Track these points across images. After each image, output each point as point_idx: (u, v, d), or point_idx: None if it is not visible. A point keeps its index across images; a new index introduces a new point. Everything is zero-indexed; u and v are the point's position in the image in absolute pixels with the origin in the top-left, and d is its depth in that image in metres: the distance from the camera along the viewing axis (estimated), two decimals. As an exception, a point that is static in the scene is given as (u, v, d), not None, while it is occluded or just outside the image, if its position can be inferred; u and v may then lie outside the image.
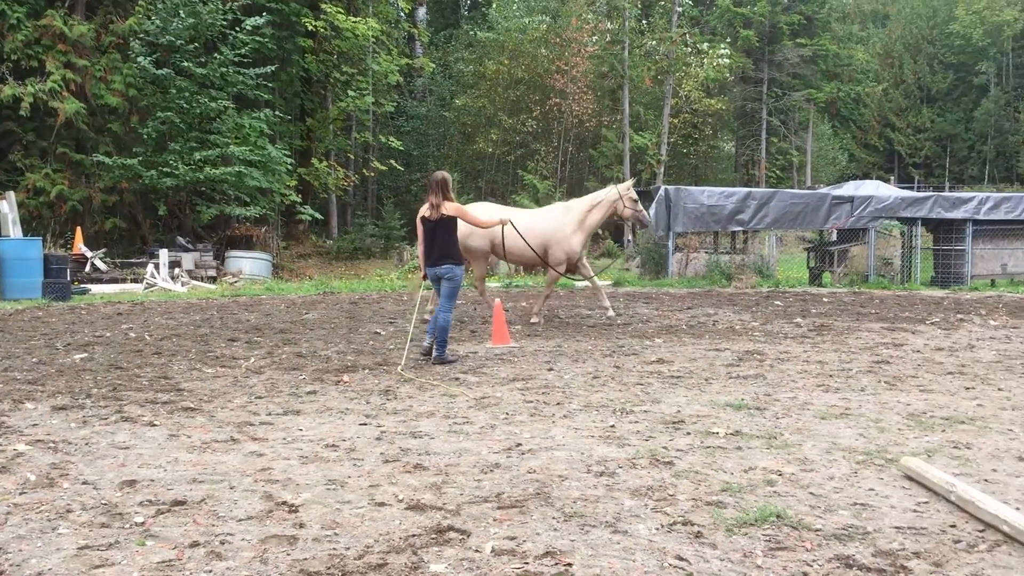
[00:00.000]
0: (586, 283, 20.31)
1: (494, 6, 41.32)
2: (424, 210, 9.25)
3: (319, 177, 30.19)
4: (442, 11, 47.45)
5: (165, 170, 23.18)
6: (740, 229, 22.49)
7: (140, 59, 23.29)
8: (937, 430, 6.12)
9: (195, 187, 24.44)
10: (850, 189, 24.34)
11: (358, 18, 30.68)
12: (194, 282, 21.18)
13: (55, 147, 23.96)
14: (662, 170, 35.97)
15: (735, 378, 8.19)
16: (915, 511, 4.43)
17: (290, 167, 26.29)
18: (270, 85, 26.38)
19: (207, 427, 6.27)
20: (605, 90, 36.95)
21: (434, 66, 38.87)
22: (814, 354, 9.73)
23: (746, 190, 23.34)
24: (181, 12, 23.62)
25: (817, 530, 4.13)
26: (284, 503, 4.54)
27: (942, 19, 61.10)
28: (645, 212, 13.07)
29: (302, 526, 4.21)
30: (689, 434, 6.00)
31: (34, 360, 9.39)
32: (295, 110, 31.51)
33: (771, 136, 47.21)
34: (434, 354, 9.20)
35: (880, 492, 4.73)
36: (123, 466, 5.26)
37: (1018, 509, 4.31)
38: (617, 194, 12.54)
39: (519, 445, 5.70)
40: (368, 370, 8.75)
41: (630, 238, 31.13)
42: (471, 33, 40.45)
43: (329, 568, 3.67)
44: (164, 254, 21.38)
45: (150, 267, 20.85)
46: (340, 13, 29.55)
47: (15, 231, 19.60)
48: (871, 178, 36.56)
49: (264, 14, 25.38)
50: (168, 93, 23.74)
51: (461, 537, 4.04)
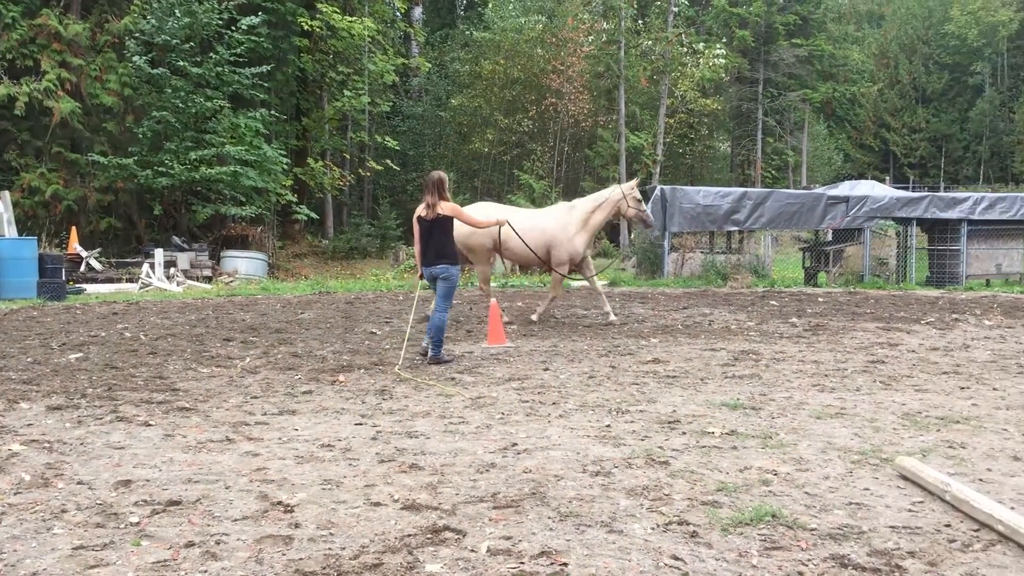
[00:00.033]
0: (583, 283, 20.35)
1: (490, 6, 41.28)
2: (420, 210, 9.23)
3: (315, 177, 30.17)
4: (438, 11, 47.42)
5: (160, 170, 23.17)
6: (736, 229, 22.51)
7: (136, 58, 23.28)
8: (932, 430, 6.13)
9: (191, 187, 24.43)
10: (845, 189, 24.38)
11: (354, 18, 30.67)
12: (189, 282, 21.16)
13: (50, 146, 23.94)
14: (658, 170, 35.97)
15: (731, 378, 8.20)
16: (910, 511, 4.43)
17: (286, 167, 26.29)
18: (266, 85, 26.36)
19: (202, 427, 6.26)
20: (601, 90, 36.95)
21: (430, 66, 38.85)
22: (809, 354, 9.74)
23: (742, 190, 23.37)
24: (177, 11, 23.61)
25: (812, 530, 4.14)
26: (279, 503, 4.53)
27: (937, 19, 61.23)
28: (649, 212, 13.03)
29: (297, 526, 4.21)
30: (685, 434, 6.00)
31: (29, 360, 9.37)
32: (291, 110, 31.49)
33: (767, 136, 47.23)
34: (429, 354, 9.19)
35: (875, 492, 4.73)
36: (118, 466, 5.25)
37: (1013, 509, 4.32)
38: (621, 194, 12.45)
39: (515, 445, 5.70)
40: (364, 370, 8.74)
41: (631, 238, 31.10)
42: (467, 33, 40.41)
43: (324, 568, 3.67)
44: (159, 254, 21.35)
45: (145, 267, 20.83)
46: (336, 13, 29.55)
47: (10, 231, 19.58)
48: (866, 178, 36.63)
49: (260, 13, 25.38)
50: (163, 92, 23.72)
51: (457, 537, 4.04)
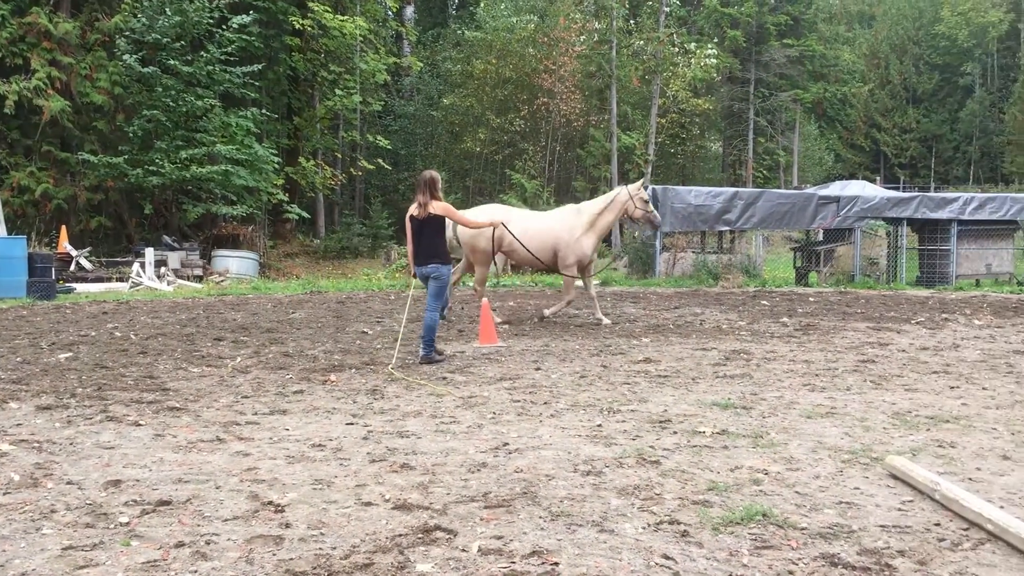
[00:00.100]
0: (578, 284, 20.37)
1: (482, 5, 41.26)
2: (412, 209, 9.23)
3: (306, 176, 30.11)
4: (430, 10, 47.39)
5: (151, 168, 23.10)
6: (727, 229, 22.55)
7: (126, 57, 23.20)
8: (922, 429, 6.15)
9: (181, 186, 24.36)
10: (836, 189, 24.46)
11: (345, 17, 30.59)
12: (180, 281, 21.09)
13: (40, 145, 23.84)
14: (650, 170, 35.99)
15: (722, 377, 8.21)
16: (900, 510, 4.44)
17: (277, 166, 26.23)
18: (257, 84, 26.30)
19: (193, 427, 6.24)
20: (593, 90, 36.96)
21: (422, 65, 38.82)
22: (800, 353, 9.76)
23: (733, 190, 23.42)
24: (167, 10, 23.54)
25: (803, 529, 4.15)
26: (270, 503, 4.52)
27: (928, 20, 61.53)
28: (656, 213, 12.97)
29: (288, 526, 4.20)
30: (676, 433, 6.01)
31: (18, 359, 9.33)
32: (282, 109, 31.43)
33: (758, 136, 47.37)
34: (420, 353, 9.19)
35: (865, 491, 4.75)
36: (108, 466, 5.23)
37: (1002, 507, 4.34)
38: (628, 195, 12.40)
39: (506, 444, 5.70)
40: (355, 369, 8.73)
41: (622, 238, 31.08)
42: (459, 32, 40.40)
43: (315, 568, 3.66)
44: (150, 253, 21.28)
45: (136, 266, 20.76)
46: (327, 12, 29.46)
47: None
48: (857, 178, 36.76)
49: (251, 12, 25.33)
50: (154, 91, 23.65)
51: (448, 537, 4.03)
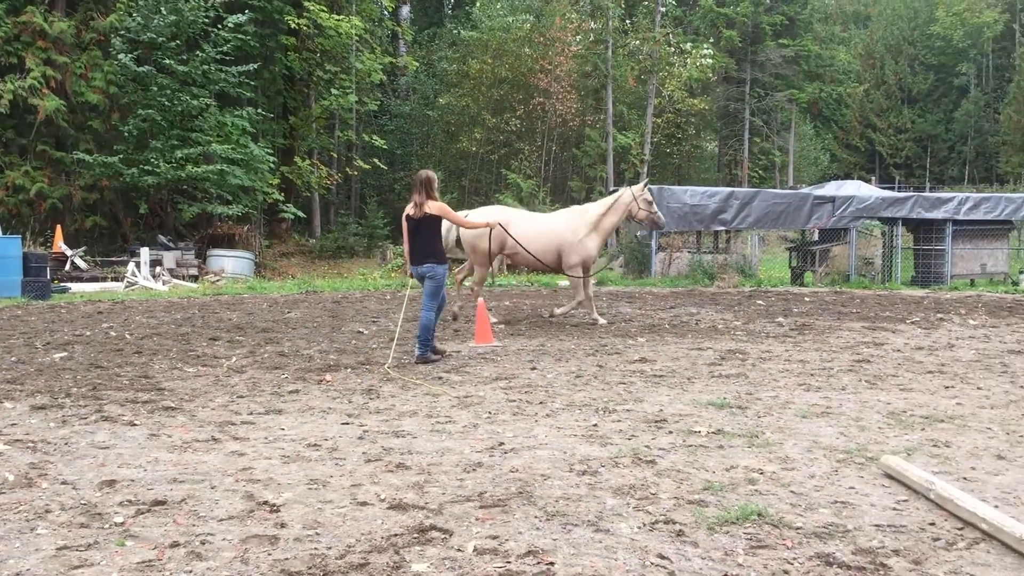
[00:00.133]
0: (568, 283, 20.38)
1: (478, 5, 41.23)
2: (408, 208, 9.24)
3: (302, 176, 30.08)
4: (426, 10, 47.35)
5: (146, 168, 23.07)
6: (723, 229, 22.57)
7: (121, 56, 23.16)
8: (917, 429, 6.16)
9: (177, 185, 24.33)
10: (832, 189, 24.48)
11: (341, 16, 30.58)
12: (175, 281, 21.06)
13: (35, 144, 23.79)
14: (645, 170, 35.98)
15: (717, 377, 8.22)
16: (895, 509, 4.45)
17: (273, 165, 26.19)
18: (252, 83, 26.28)
19: (188, 427, 6.23)
20: (589, 89, 36.96)
21: (418, 65, 38.78)
22: (796, 353, 9.77)
23: (729, 190, 23.43)
24: (163, 9, 23.51)
25: (798, 528, 4.15)
26: (265, 503, 4.52)
27: (923, 20, 61.64)
28: (660, 214, 12.95)
29: (283, 526, 4.19)
30: (671, 433, 6.02)
31: (13, 359, 9.31)
32: (278, 108, 31.39)
33: (754, 136, 47.41)
34: (416, 353, 9.18)
35: (860, 490, 4.75)
36: (103, 466, 5.22)
37: (996, 507, 4.35)
38: (631, 196, 12.43)
39: (502, 444, 5.70)
40: (351, 369, 8.73)
41: (618, 238, 31.04)
42: (455, 32, 40.34)
43: (310, 568, 3.66)
44: (145, 252, 21.25)
45: (131, 266, 20.73)
46: (323, 11, 29.45)
47: (-6, 229, 19.47)
48: (852, 178, 36.80)
49: (246, 11, 25.29)
50: (149, 91, 23.62)
51: (443, 536, 4.03)
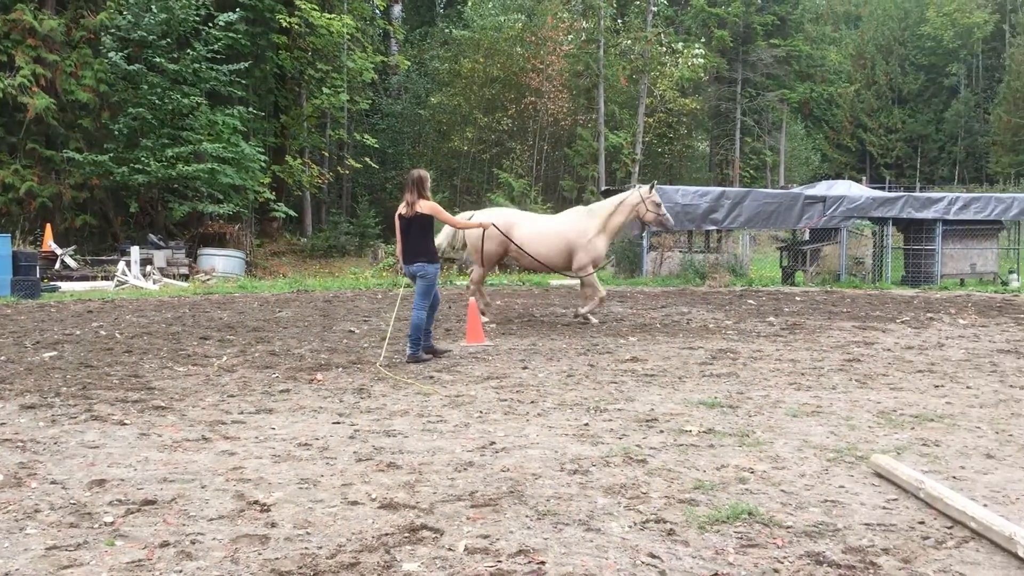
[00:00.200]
0: (561, 283, 20.38)
1: (469, 4, 41.20)
2: (401, 208, 9.25)
3: (293, 174, 30.02)
4: (417, 9, 47.32)
5: (137, 167, 22.99)
6: (714, 228, 22.61)
7: (111, 54, 23.07)
8: (907, 428, 6.18)
9: (167, 184, 24.25)
10: (822, 189, 24.55)
11: (333, 15, 30.52)
12: (166, 280, 20.99)
13: (24, 143, 23.68)
14: (637, 169, 36.05)
15: (708, 376, 8.23)
16: (884, 508, 4.46)
17: (264, 164, 26.13)
18: (243, 82, 26.20)
19: (178, 426, 6.21)
20: (580, 89, 36.98)
21: (409, 64, 38.75)
22: (786, 352, 9.80)
23: (720, 189, 23.46)
24: (153, 7, 23.43)
25: (788, 527, 4.16)
26: (256, 502, 4.51)
27: (913, 21, 61.85)
28: (668, 216, 12.85)
29: (274, 525, 4.18)
30: (662, 432, 6.02)
31: (2, 358, 9.27)
32: (269, 107, 31.32)
33: (745, 136, 47.51)
34: (407, 352, 9.17)
35: (850, 489, 4.77)
36: (92, 465, 5.20)
37: (985, 506, 4.37)
38: (639, 197, 12.36)
39: (493, 444, 5.70)
40: (342, 368, 8.71)
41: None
42: (446, 31, 40.33)
43: (301, 568, 3.65)
44: (135, 251, 21.17)
45: (121, 264, 20.66)
46: (315, 10, 29.38)
47: (-17, 228, 19.36)
48: (843, 178, 36.90)
49: (237, 10, 25.22)
50: (140, 89, 23.53)
51: (434, 536, 4.03)
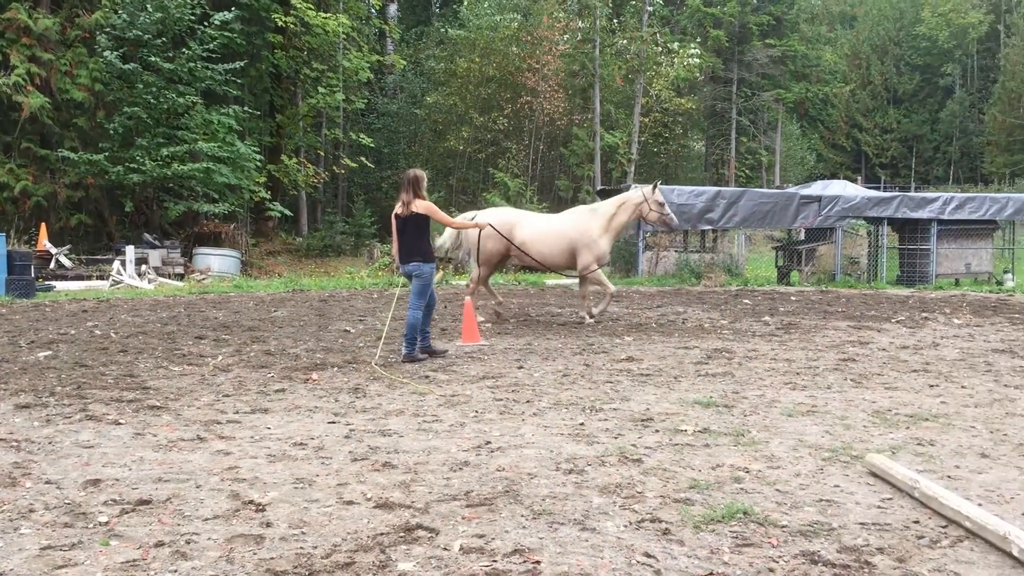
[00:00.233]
0: (557, 282, 20.38)
1: (465, 3, 41.20)
2: (397, 207, 9.26)
3: (289, 174, 29.99)
4: (413, 8, 47.29)
5: (132, 166, 22.95)
6: (710, 228, 22.62)
7: (106, 53, 23.03)
8: (901, 427, 6.19)
9: (162, 183, 24.21)
10: (818, 189, 24.55)
11: (328, 14, 30.50)
12: (161, 279, 20.96)
13: (19, 142, 23.62)
14: (632, 169, 36.05)
15: (704, 376, 8.24)
16: (879, 507, 4.47)
17: (259, 164, 26.10)
18: (239, 81, 26.17)
19: (173, 426, 6.20)
20: (576, 88, 36.99)
21: (405, 63, 38.73)
22: (782, 352, 9.80)
23: (715, 189, 23.48)
24: (148, 6, 23.38)
25: (783, 526, 4.17)
26: (251, 502, 4.50)
27: (909, 21, 61.96)
28: (672, 215, 12.72)
29: (269, 525, 4.18)
30: (658, 432, 6.03)
31: (-4, 358, 9.25)
32: (264, 106, 31.28)
33: (740, 136, 47.53)
34: (403, 352, 9.17)
35: (845, 489, 4.77)
36: (87, 465, 5.19)
37: (980, 505, 4.38)
38: (642, 196, 12.28)
39: (488, 443, 5.70)
40: (337, 368, 8.70)
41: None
42: (442, 30, 40.32)
43: (296, 567, 3.65)
44: (131, 251, 21.14)
45: (116, 264, 20.62)
46: (310, 9, 29.37)
47: (-22, 227, 19.32)
48: (838, 178, 36.92)
49: (233, 9, 25.18)
50: (135, 88, 23.49)
51: (429, 535, 4.03)
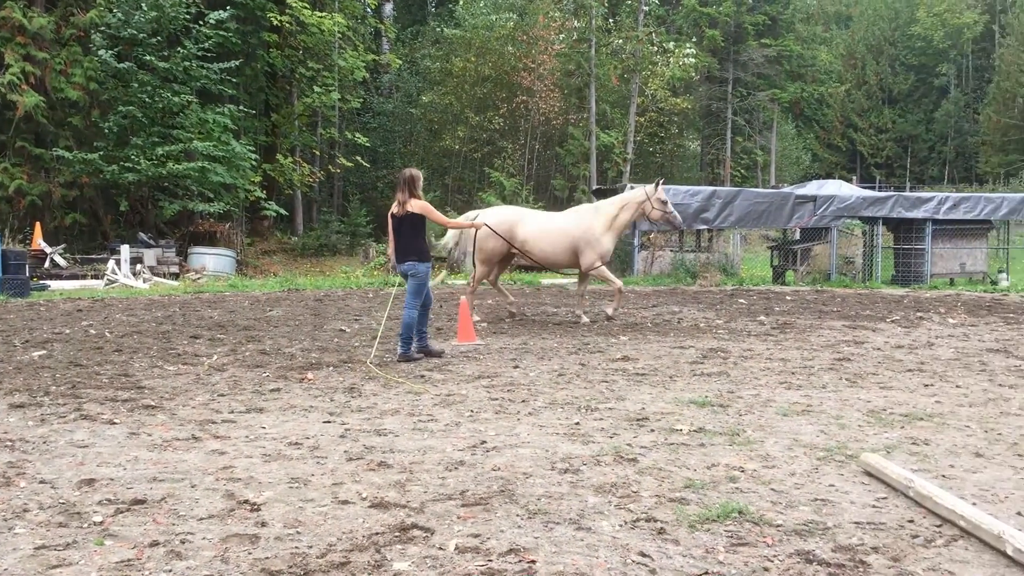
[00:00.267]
0: (552, 281, 20.40)
1: (461, 3, 41.20)
2: (394, 207, 9.28)
3: (284, 173, 29.95)
4: (409, 7, 47.25)
5: (127, 165, 22.90)
6: (705, 227, 22.64)
7: (101, 52, 22.97)
8: (896, 427, 6.20)
9: (157, 182, 24.16)
10: (813, 188, 24.59)
11: (324, 13, 30.43)
12: (156, 278, 20.93)
13: (14, 141, 23.56)
14: (628, 168, 36.05)
15: (699, 375, 8.25)
16: (874, 506, 4.48)
17: (255, 163, 26.05)
18: (234, 80, 26.11)
19: (168, 425, 6.19)
20: (572, 88, 36.99)
21: (401, 62, 38.69)
22: (777, 352, 9.82)
23: (711, 189, 23.50)
24: (143, 5, 23.33)
25: (778, 526, 4.17)
26: (246, 502, 4.50)
27: (904, 21, 62.03)
28: (676, 214, 12.66)
29: (264, 525, 4.17)
30: (653, 431, 6.03)
31: (-9, 357, 9.23)
32: (260, 105, 31.21)
33: (736, 135, 47.60)
34: (398, 351, 9.16)
35: (840, 488, 4.78)
36: (82, 465, 5.18)
37: (974, 504, 4.38)
38: (644, 195, 12.26)
39: (484, 443, 5.70)
40: (333, 367, 8.70)
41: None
42: (438, 30, 40.31)
43: (291, 567, 3.64)
44: (125, 250, 21.10)
45: (111, 263, 20.58)
46: (305, 8, 29.30)
47: (-28, 226, 19.27)
48: (834, 178, 37.00)
49: (228, 8, 25.12)
50: (130, 87, 23.44)
51: (425, 535, 4.02)
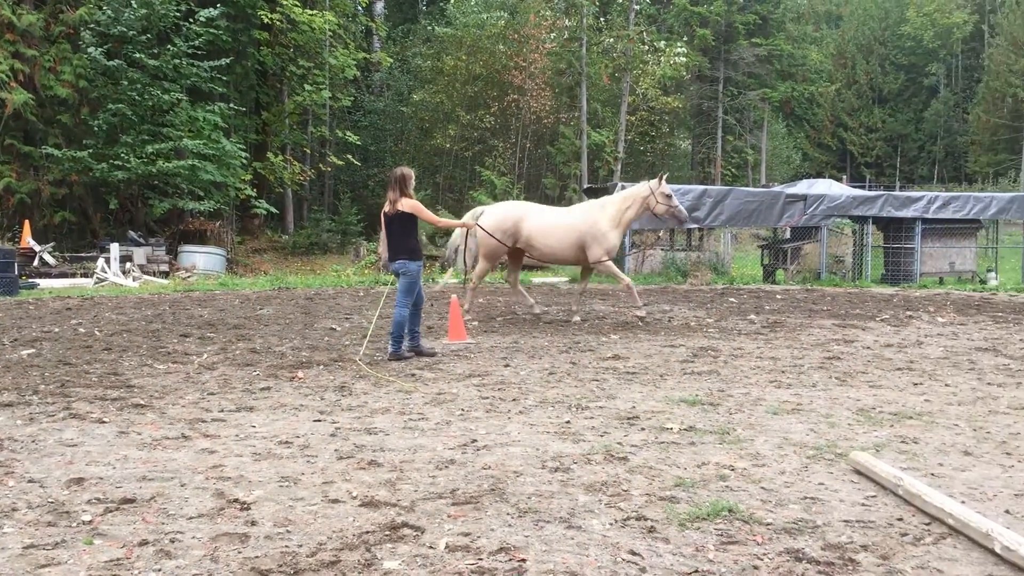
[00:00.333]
0: (543, 280, 20.40)
1: (452, 1, 41.16)
2: (386, 205, 9.28)
3: (275, 171, 29.88)
4: (400, 6, 47.17)
5: (116, 163, 22.82)
6: (696, 226, 22.66)
7: (91, 50, 22.88)
8: (886, 425, 6.23)
9: (147, 181, 24.08)
10: (803, 188, 24.62)
11: (314, 11, 30.38)
12: (146, 277, 20.86)
13: (2, 139, 23.45)
14: (619, 167, 36.07)
15: (689, 374, 8.26)
16: (863, 505, 4.49)
17: (245, 161, 26.00)
18: (224, 78, 26.03)
19: (158, 424, 6.17)
20: (563, 87, 36.99)
21: (392, 61, 38.65)
22: (767, 350, 9.84)
23: (702, 188, 23.51)
24: (133, 2, 23.24)
25: (768, 524, 4.18)
26: (236, 500, 4.49)
27: (894, 21, 62.22)
28: (681, 208, 12.55)
29: (254, 524, 4.17)
30: (643, 430, 6.04)
31: (-21, 356, 9.19)
32: (250, 103, 31.14)
33: (727, 134, 47.64)
34: (389, 350, 9.15)
35: (830, 486, 4.80)
36: (71, 464, 5.16)
37: (963, 503, 4.40)
38: (648, 190, 12.19)
39: (474, 441, 5.70)
40: (323, 366, 8.68)
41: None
42: (429, 28, 40.27)
43: (281, 566, 3.64)
44: (115, 248, 21.02)
45: (100, 261, 20.51)
46: (296, 6, 29.23)
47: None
48: (824, 177, 37.07)
49: (218, 5, 25.03)
50: (120, 85, 23.35)
51: (415, 533, 4.02)
